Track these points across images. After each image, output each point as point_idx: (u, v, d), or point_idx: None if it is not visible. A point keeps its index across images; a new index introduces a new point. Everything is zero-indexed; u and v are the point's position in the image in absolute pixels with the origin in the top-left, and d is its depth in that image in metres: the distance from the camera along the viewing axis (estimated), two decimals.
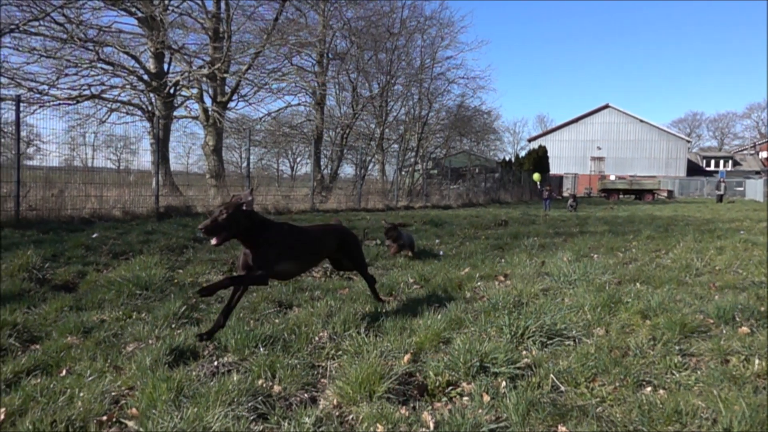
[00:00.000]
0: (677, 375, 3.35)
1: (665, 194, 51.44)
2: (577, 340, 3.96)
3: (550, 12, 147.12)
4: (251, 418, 2.67)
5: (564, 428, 2.68)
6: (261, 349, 3.62)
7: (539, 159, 46.83)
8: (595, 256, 8.26)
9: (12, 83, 16.38)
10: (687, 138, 72.21)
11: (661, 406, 2.85)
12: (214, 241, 3.65)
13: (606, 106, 67.26)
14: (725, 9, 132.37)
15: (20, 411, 2.69)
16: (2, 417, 2.58)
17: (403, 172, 29.59)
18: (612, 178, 56.58)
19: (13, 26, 15.01)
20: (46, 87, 17.20)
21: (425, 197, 27.09)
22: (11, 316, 4.16)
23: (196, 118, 21.27)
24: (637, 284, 5.96)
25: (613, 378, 3.24)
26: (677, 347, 3.80)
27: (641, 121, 66.24)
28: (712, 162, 74.96)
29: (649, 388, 3.17)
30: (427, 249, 8.78)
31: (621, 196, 48.81)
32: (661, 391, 3.12)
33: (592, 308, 4.71)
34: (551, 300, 5.15)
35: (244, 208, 3.75)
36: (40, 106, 16.25)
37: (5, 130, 13.69)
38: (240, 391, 2.86)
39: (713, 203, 37.92)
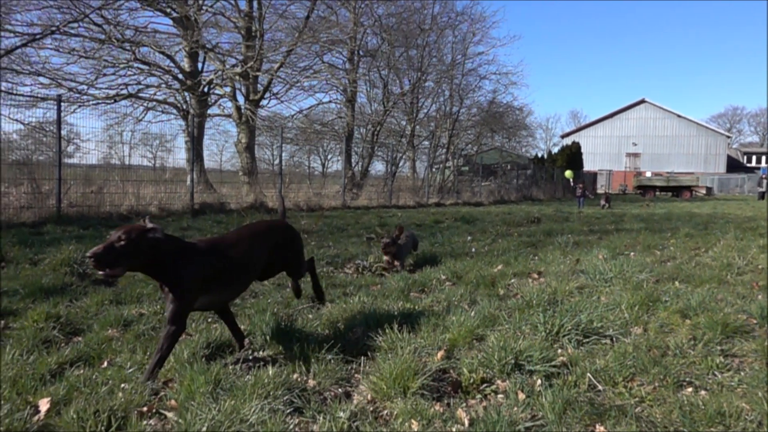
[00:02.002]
0: (719, 376, 3.26)
1: (703, 191, 50.14)
2: (614, 339, 3.88)
3: (584, 6, 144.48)
4: (287, 411, 2.70)
5: (602, 428, 2.63)
6: (295, 344, 3.64)
7: (572, 155, 46.06)
8: (632, 254, 8.09)
9: (53, 83, 16.89)
10: (727, 133, 70.17)
11: (703, 407, 2.77)
12: (103, 273, 2.80)
13: (642, 101, 65.81)
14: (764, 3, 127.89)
15: (65, 400, 2.77)
16: (48, 406, 2.66)
17: (433, 169, 29.51)
18: (648, 174, 55.37)
19: (54, 28, 15.44)
20: (85, 87, 17.71)
21: (456, 194, 26.95)
22: (54, 309, 4.29)
23: (229, 116, 21.60)
24: (676, 283, 5.82)
25: (653, 378, 3.17)
26: (719, 347, 3.70)
27: (679, 116, 64.61)
28: (753, 158, 72.71)
29: (690, 389, 3.09)
30: (459, 246, 8.73)
31: (657, 193, 47.76)
32: (703, 392, 3.04)
33: (629, 307, 4.62)
34: (587, 298, 5.07)
35: (151, 235, 2.96)
36: (80, 106, 16.76)
37: (47, 129, 14.14)
38: (275, 385, 2.89)
39: (754, 200, 36.79)
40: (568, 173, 32.09)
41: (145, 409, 2.70)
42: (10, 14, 15.36)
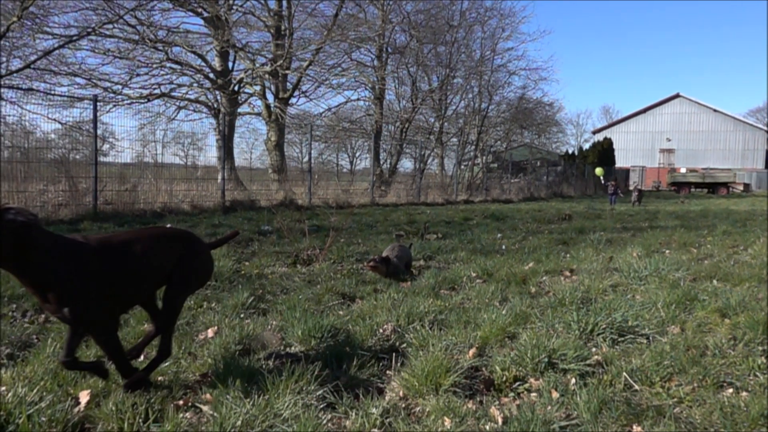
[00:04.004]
0: (761, 377, 3.16)
1: (741, 188, 48.81)
2: (650, 338, 3.81)
3: (616, 1, 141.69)
4: (320, 407, 2.71)
5: (639, 428, 2.58)
6: (327, 340, 3.66)
7: (604, 152, 45.27)
8: (667, 251, 7.92)
9: (89, 84, 17.31)
10: (766, 128, 68.01)
11: (745, 408, 2.69)
12: None
13: (676, 96, 64.23)
14: None
15: (104, 393, 2.83)
16: (88, 398, 2.73)
17: (462, 166, 29.34)
18: (682, 170, 54.09)
19: (89, 29, 15.81)
20: (119, 87, 18.08)
21: (485, 191, 26.76)
22: None
23: (258, 114, 21.82)
24: (714, 281, 5.67)
25: (691, 378, 3.10)
26: (760, 348, 3.59)
27: (715, 110, 62.88)
28: None
29: (730, 390, 3.01)
30: (489, 243, 8.66)
31: (692, 189, 46.67)
32: (744, 393, 2.96)
33: (665, 305, 4.52)
34: (621, 296, 4.98)
35: (10, 217, 2.30)
36: (114, 105, 17.15)
37: (83, 128, 14.50)
38: (308, 381, 2.91)
39: None
40: (598, 171, 31.52)
41: (181, 402, 2.75)
42: (48, 16, 15.80)
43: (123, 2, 15.92)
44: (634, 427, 2.59)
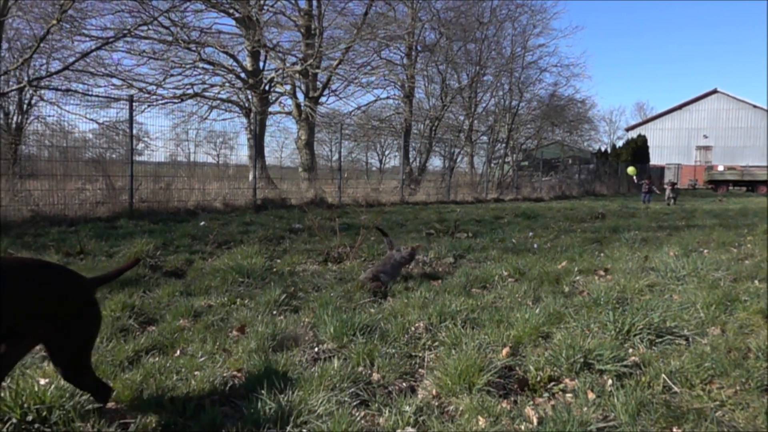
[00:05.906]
0: None
1: None
2: (689, 340, 3.71)
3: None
4: (353, 404, 2.72)
5: (679, 431, 2.52)
6: (359, 338, 3.67)
7: (638, 149, 44.40)
8: (705, 251, 7.72)
9: (125, 84, 17.68)
10: None
11: None
12: None
13: (714, 92, 62.49)
14: None
15: (142, 386, 2.88)
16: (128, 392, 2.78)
17: (492, 164, 29.09)
18: (720, 168, 52.62)
19: (125, 31, 16.14)
20: (154, 87, 18.41)
21: (516, 189, 26.49)
22: (130, 299, 4.48)
23: (289, 113, 21.98)
24: (756, 282, 5.50)
25: (733, 381, 3.01)
26: None
27: (754, 106, 60.95)
28: None
29: None
30: (520, 242, 8.57)
31: (730, 187, 45.40)
32: None
33: (705, 306, 4.40)
34: (658, 296, 4.87)
35: None
36: (149, 105, 17.47)
37: (119, 128, 14.83)
38: (341, 378, 2.92)
39: None
40: (630, 170, 30.84)
41: (216, 397, 2.79)
42: (86, 19, 16.20)
43: (157, 4, 16.22)
44: (674, 429, 2.53)
